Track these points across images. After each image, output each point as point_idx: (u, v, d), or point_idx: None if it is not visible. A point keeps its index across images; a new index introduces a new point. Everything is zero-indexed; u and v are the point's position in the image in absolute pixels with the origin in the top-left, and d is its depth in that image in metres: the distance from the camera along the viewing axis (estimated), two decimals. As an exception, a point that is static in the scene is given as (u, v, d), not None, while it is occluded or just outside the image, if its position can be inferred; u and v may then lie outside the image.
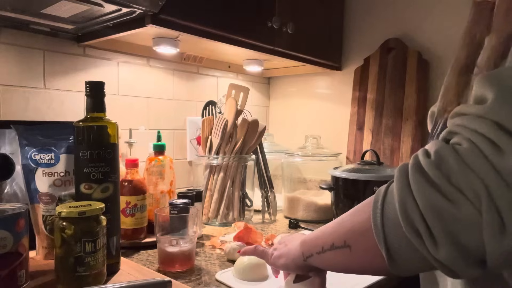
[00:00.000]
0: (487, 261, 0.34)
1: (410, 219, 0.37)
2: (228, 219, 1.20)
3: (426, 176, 0.37)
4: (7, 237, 0.63)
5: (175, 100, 1.40)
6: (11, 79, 1.02)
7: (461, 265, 0.35)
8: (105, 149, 0.75)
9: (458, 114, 0.40)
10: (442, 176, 0.36)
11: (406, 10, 1.37)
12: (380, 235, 0.41)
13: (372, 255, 0.44)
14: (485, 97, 0.37)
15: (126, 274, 0.76)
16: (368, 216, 0.43)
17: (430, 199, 0.36)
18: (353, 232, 0.47)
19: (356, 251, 0.47)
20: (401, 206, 0.38)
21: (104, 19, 0.94)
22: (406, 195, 0.38)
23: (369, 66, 1.44)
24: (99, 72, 1.19)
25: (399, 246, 0.40)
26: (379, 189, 0.44)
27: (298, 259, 0.59)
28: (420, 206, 0.36)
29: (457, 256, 0.35)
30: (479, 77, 0.39)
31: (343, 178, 1.13)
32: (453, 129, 0.39)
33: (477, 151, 0.35)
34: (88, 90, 0.76)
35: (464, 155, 0.36)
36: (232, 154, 1.21)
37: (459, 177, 0.35)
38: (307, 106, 1.67)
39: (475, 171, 0.34)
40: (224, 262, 0.87)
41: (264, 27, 1.16)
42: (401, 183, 0.39)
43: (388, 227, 0.40)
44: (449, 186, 0.35)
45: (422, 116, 1.30)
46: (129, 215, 0.94)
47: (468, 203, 0.34)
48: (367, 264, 0.47)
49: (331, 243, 0.51)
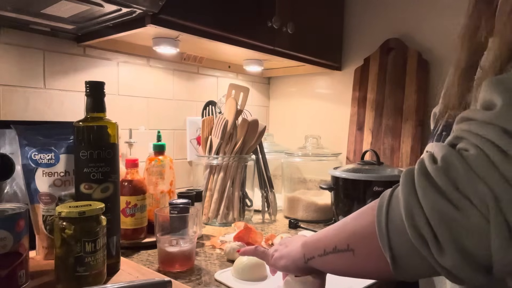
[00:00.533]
0: (494, 268, 0.34)
1: (416, 225, 0.37)
2: (228, 219, 1.20)
3: (432, 182, 0.37)
4: (7, 237, 0.63)
5: (175, 100, 1.40)
6: (11, 79, 1.02)
7: (467, 272, 0.35)
8: (105, 149, 0.75)
9: (464, 119, 0.40)
10: (449, 183, 0.36)
11: (406, 10, 1.37)
12: (384, 239, 0.41)
13: (375, 260, 0.44)
14: (493, 102, 0.37)
15: (126, 274, 0.76)
16: (372, 220, 0.43)
17: (437, 206, 0.35)
18: (357, 236, 0.47)
19: (360, 255, 0.46)
20: (406, 212, 0.38)
21: (104, 19, 0.94)
22: (412, 201, 0.37)
23: (369, 66, 1.44)
24: (99, 72, 1.19)
25: (404, 251, 0.39)
26: (383, 193, 0.44)
27: (299, 261, 0.58)
28: (426, 212, 0.36)
29: (463, 263, 0.34)
30: (486, 81, 0.38)
31: (343, 178, 1.13)
32: (460, 134, 0.39)
33: (484, 158, 0.34)
34: (88, 90, 0.76)
35: (471, 161, 0.35)
36: (232, 154, 1.21)
37: (466, 184, 0.35)
38: (307, 106, 1.67)
39: (483, 178, 0.34)
40: (224, 262, 0.87)
41: (264, 27, 1.16)
42: (407, 188, 0.39)
43: (393, 232, 0.40)
44: (456, 192, 0.35)
45: (422, 116, 1.30)
46: (129, 215, 0.94)
47: (475, 210, 0.34)
48: (370, 269, 0.46)
49: (334, 246, 0.50)
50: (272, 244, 0.97)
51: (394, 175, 1.09)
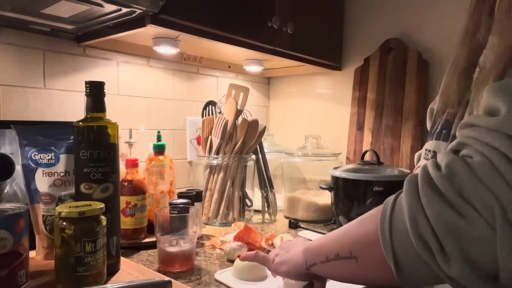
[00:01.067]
0: (500, 277, 0.34)
1: (421, 234, 0.36)
2: (228, 219, 1.20)
3: (437, 190, 0.36)
4: (7, 237, 0.63)
5: (175, 100, 1.40)
6: (11, 79, 1.02)
7: (473, 281, 0.35)
8: (105, 149, 0.75)
9: (468, 125, 0.39)
10: (453, 190, 0.35)
11: (406, 10, 1.37)
12: (388, 247, 0.40)
13: (378, 267, 0.43)
14: (497, 108, 0.36)
15: (126, 274, 0.76)
16: (376, 228, 0.42)
17: (442, 214, 0.35)
18: (359, 243, 0.46)
19: (362, 262, 0.46)
20: (411, 220, 0.37)
21: (104, 19, 0.94)
22: (416, 209, 0.37)
23: (369, 66, 1.44)
24: (99, 72, 1.19)
25: (408, 258, 0.39)
26: (386, 200, 0.43)
27: (300, 267, 0.57)
28: (431, 221, 0.36)
29: (470, 272, 0.34)
30: (489, 86, 0.38)
31: (343, 178, 1.13)
32: (464, 140, 0.38)
33: (490, 165, 0.34)
34: (88, 90, 0.76)
35: (476, 169, 0.35)
36: (232, 154, 1.21)
37: (472, 192, 0.34)
38: (307, 106, 1.67)
39: (488, 186, 0.33)
40: (224, 262, 0.87)
41: (264, 27, 1.16)
42: (411, 195, 0.38)
43: (397, 240, 0.40)
44: (461, 200, 0.34)
45: (422, 116, 1.30)
46: (129, 215, 0.94)
47: (481, 219, 0.33)
48: (373, 276, 0.46)
49: (336, 252, 0.50)
50: (272, 244, 0.97)
51: (394, 175, 1.09)
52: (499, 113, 0.36)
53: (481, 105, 0.39)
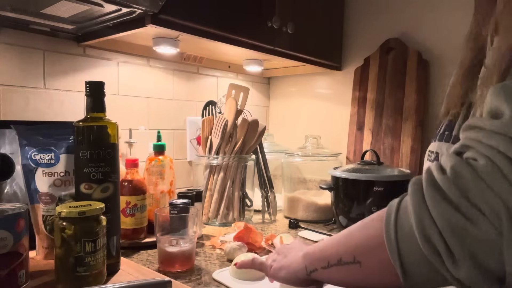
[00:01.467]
0: (507, 279, 0.34)
1: (428, 236, 0.36)
2: (228, 219, 1.20)
3: (442, 192, 0.36)
4: (7, 237, 0.63)
5: (175, 100, 1.40)
6: (11, 79, 1.02)
7: (481, 284, 0.35)
8: (105, 149, 0.75)
9: (472, 127, 0.39)
10: (459, 193, 0.35)
11: (406, 10, 1.37)
12: (394, 250, 0.40)
13: (384, 271, 0.43)
14: (501, 110, 0.36)
15: (126, 274, 0.76)
16: (380, 231, 0.42)
17: (449, 217, 0.35)
18: (363, 247, 0.46)
19: (367, 267, 0.45)
20: (417, 223, 0.37)
21: (104, 19, 0.94)
22: (423, 211, 0.37)
23: (369, 66, 1.44)
24: (99, 72, 1.19)
25: (414, 261, 0.39)
26: (390, 203, 0.43)
27: (300, 273, 0.56)
28: (438, 225, 0.35)
29: (478, 275, 0.34)
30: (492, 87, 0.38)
31: (343, 178, 1.13)
32: (467, 143, 0.38)
33: (495, 169, 0.34)
34: (88, 90, 0.76)
35: (481, 172, 0.35)
36: (232, 154, 1.21)
37: (477, 195, 0.34)
38: (307, 106, 1.67)
39: (494, 189, 0.33)
40: (224, 262, 0.87)
41: (264, 27, 1.16)
42: (416, 198, 0.38)
43: (403, 243, 0.39)
44: (467, 203, 0.34)
45: (422, 116, 1.30)
46: (129, 215, 0.94)
47: (488, 222, 0.33)
48: (378, 280, 0.45)
49: (339, 258, 0.49)
50: (272, 244, 0.97)
51: (394, 175, 1.09)
52: (503, 115, 0.36)
53: (485, 107, 0.39)
